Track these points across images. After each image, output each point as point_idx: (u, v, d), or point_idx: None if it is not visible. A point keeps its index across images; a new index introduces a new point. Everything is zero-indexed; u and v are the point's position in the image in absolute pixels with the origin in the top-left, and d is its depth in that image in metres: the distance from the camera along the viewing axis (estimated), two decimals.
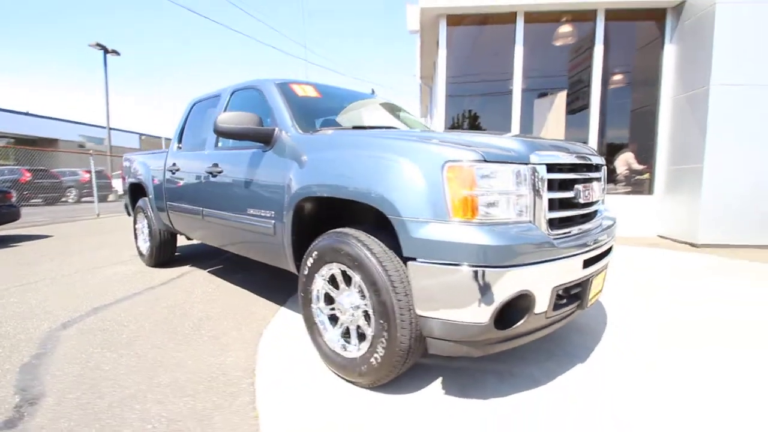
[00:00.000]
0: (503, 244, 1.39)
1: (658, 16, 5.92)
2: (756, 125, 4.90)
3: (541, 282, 1.47)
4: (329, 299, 1.95)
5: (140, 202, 4.13)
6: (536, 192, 1.51)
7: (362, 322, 1.77)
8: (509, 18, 6.08)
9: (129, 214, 4.80)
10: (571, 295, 1.70)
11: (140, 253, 4.28)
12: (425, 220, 1.46)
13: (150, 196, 3.78)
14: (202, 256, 4.64)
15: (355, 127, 2.42)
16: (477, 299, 1.40)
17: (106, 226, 7.93)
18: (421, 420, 1.53)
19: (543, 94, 6.91)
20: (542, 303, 1.50)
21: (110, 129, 19.12)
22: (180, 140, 3.45)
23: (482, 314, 1.42)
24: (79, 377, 1.89)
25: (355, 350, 1.79)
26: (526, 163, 1.49)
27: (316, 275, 1.92)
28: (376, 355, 1.64)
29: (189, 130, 3.43)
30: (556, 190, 1.62)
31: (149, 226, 3.93)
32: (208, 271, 3.96)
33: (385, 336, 1.59)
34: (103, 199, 14.79)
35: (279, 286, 3.39)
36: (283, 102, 2.38)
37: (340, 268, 1.81)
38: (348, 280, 1.82)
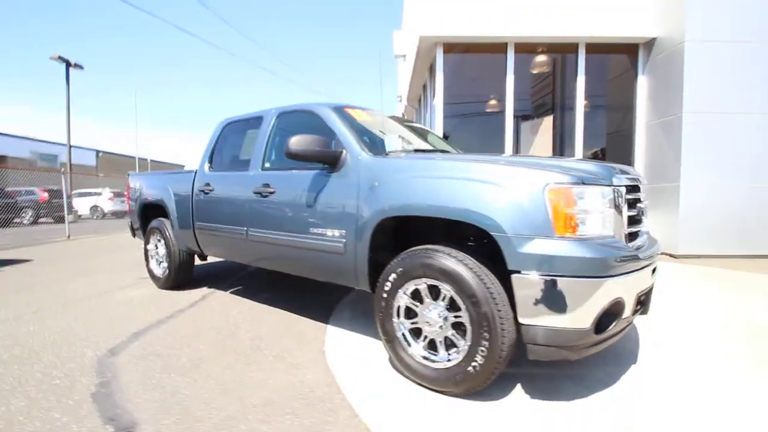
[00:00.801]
0: (604, 256, 1.57)
1: (631, 50, 6.59)
2: (725, 148, 5.53)
3: (629, 289, 1.66)
4: (409, 314, 2.04)
5: (155, 223, 4.02)
6: (619, 210, 1.72)
7: (451, 333, 1.88)
8: (501, 48, 6.55)
9: (133, 235, 4.64)
10: (640, 301, 1.91)
11: (152, 276, 4.13)
12: (530, 236, 1.62)
13: (172, 217, 3.70)
14: (212, 278, 4.53)
15: (415, 150, 2.57)
16: (580, 307, 1.56)
17: (84, 249, 7.48)
18: (522, 421, 1.65)
19: (527, 117, 7.42)
20: (628, 308, 1.69)
21: (71, 146, 18.05)
22: (211, 161, 3.44)
23: (585, 320, 1.58)
24: (162, 402, 1.84)
25: (444, 361, 1.88)
26: (611, 185, 1.70)
27: (399, 291, 2.01)
28: (474, 363, 1.75)
29: (222, 150, 3.43)
30: (629, 208, 1.84)
31: (168, 247, 3.82)
32: (230, 293, 3.89)
33: (485, 345, 1.71)
34: (59, 220, 13.84)
35: (310, 303, 3.41)
36: (345, 126, 2.48)
37: (427, 283, 1.92)
38: (435, 294, 1.93)
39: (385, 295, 2.05)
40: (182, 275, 3.94)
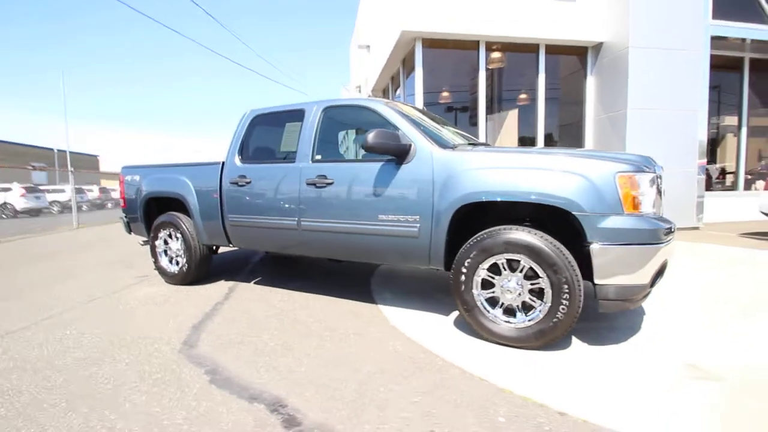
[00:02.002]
0: (658, 228, 2.04)
1: (581, 52, 7.48)
2: (661, 139, 6.61)
3: (669, 253, 2.16)
4: (485, 285, 2.37)
5: (164, 218, 3.86)
6: (659, 192, 2.21)
7: (528, 297, 2.25)
8: (474, 45, 7.04)
9: (129, 232, 4.37)
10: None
11: (163, 272, 3.96)
12: (605, 213, 2.03)
13: (193, 210, 3.60)
14: (219, 272, 4.45)
15: (470, 144, 2.87)
16: (644, 267, 2.02)
17: (17, 255, 6.68)
18: (593, 361, 2.09)
19: (468, 110, 8.04)
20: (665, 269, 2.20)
21: None
22: (241, 152, 3.41)
23: (645, 277, 2.04)
24: (288, 380, 1.97)
25: (525, 321, 2.25)
26: (654, 172, 2.17)
27: (479, 267, 2.33)
28: (555, 319, 2.14)
29: (255, 142, 3.42)
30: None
31: (186, 242, 3.71)
32: (255, 283, 3.90)
33: (566, 303, 2.10)
34: None
35: (341, 287, 3.60)
36: (407, 121, 2.70)
37: (507, 258, 2.26)
38: (512, 267, 2.28)
39: (465, 270, 2.36)
40: (202, 270, 3.86)
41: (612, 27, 6.84)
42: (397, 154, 2.56)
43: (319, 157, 3.01)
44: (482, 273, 2.35)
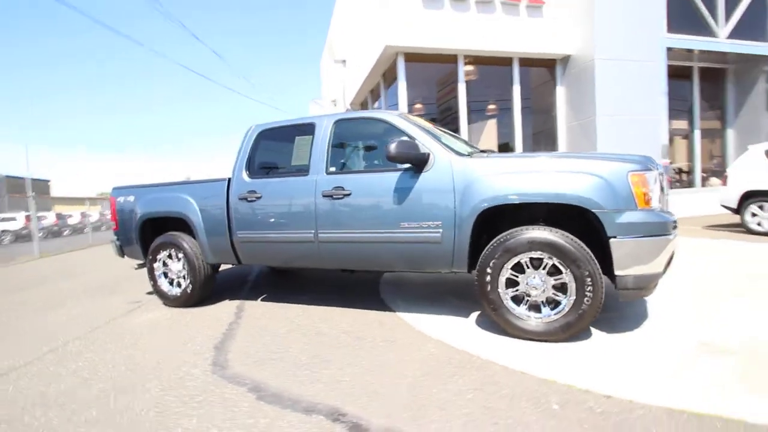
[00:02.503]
0: (667, 221, 2.24)
1: (550, 64, 7.97)
2: (627, 144, 7.09)
3: (675, 245, 2.37)
4: (510, 284, 2.49)
5: (163, 239, 3.74)
6: (661, 188, 2.42)
7: (552, 293, 2.39)
8: (452, 59, 7.34)
9: (121, 256, 4.18)
10: None
11: (163, 296, 3.81)
12: (621, 209, 2.21)
13: (198, 229, 3.52)
14: (221, 291, 4.33)
15: (482, 151, 3.02)
16: (658, 257, 2.21)
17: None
18: (615, 348, 2.24)
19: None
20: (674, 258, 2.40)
21: None
22: (248, 168, 3.39)
23: (659, 266, 2.23)
24: (337, 389, 1.98)
25: (550, 315, 2.37)
26: (657, 170, 2.39)
27: (504, 266, 2.45)
28: (580, 311, 2.28)
29: (262, 157, 3.41)
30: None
31: (190, 262, 3.61)
32: (262, 301, 3.84)
33: (589, 296, 2.25)
34: None
35: (352, 298, 3.61)
36: (422, 131, 2.81)
37: (531, 256, 2.39)
38: (535, 264, 2.41)
39: (490, 271, 2.47)
40: (207, 290, 3.76)
41: (578, 41, 7.36)
42: (417, 163, 2.66)
43: (333, 169, 3.06)
44: (507, 272, 2.46)
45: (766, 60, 8.21)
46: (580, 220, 2.43)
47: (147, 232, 3.89)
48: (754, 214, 5.88)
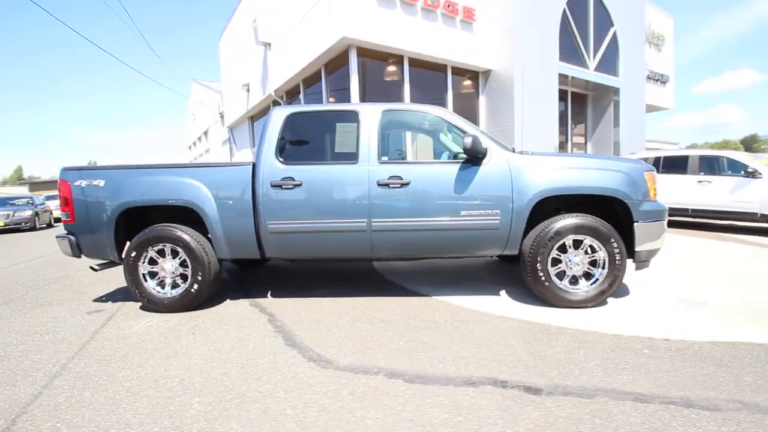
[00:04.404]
0: (666, 209, 3.02)
1: (473, 76, 9.01)
2: (535, 146, 8.55)
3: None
4: (554, 263, 2.97)
5: (155, 232, 3.11)
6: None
7: (587, 268, 2.96)
8: (399, 59, 7.68)
9: (78, 255, 3.32)
10: None
11: (151, 300, 3.17)
12: (642, 200, 2.89)
13: (212, 220, 3.06)
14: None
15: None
16: (661, 236, 2.96)
17: None
18: (632, 308, 2.94)
19: None
20: None
21: None
22: (281, 153, 3.11)
23: (661, 243, 2.99)
24: (477, 363, 2.13)
25: (588, 286, 2.94)
26: (657, 170, 3.17)
27: (554, 247, 2.91)
28: (611, 281, 2.90)
29: (298, 143, 3.16)
30: None
31: (196, 258, 3.11)
32: (272, 297, 3.54)
33: (618, 268, 2.89)
34: None
35: (374, 286, 3.67)
36: (473, 127, 3.08)
37: (574, 239, 2.91)
38: (576, 245, 2.94)
39: (542, 251, 2.91)
40: (214, 289, 3.29)
41: (500, 58, 8.53)
42: (480, 156, 2.92)
43: (385, 158, 3.07)
44: (554, 252, 2.94)
45: (615, 90, 10.88)
46: (598, 209, 3.05)
47: (131, 226, 3.19)
48: None
